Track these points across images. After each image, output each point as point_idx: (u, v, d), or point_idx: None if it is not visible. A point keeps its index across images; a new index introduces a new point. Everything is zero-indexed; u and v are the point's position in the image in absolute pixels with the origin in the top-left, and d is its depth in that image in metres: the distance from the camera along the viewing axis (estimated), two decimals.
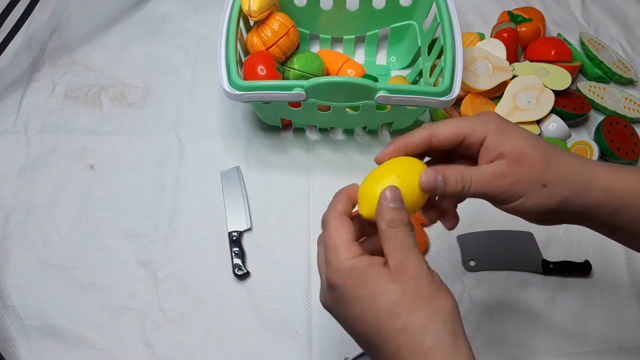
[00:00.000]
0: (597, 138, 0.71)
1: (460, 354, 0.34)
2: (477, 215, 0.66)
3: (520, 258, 0.64)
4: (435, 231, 0.66)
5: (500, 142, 0.39)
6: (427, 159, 0.43)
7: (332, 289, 0.37)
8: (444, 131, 0.40)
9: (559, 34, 0.82)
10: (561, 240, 0.65)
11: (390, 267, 0.36)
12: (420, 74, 0.73)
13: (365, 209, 0.39)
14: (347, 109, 0.65)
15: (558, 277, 0.63)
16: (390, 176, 0.39)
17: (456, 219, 0.44)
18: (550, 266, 0.63)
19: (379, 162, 0.42)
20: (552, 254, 0.64)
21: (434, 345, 0.33)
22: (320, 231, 0.65)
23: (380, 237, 0.37)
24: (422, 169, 0.40)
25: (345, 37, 0.78)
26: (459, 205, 0.45)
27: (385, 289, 0.35)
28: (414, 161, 0.41)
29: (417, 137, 0.41)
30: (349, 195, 0.41)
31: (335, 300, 0.38)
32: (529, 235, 0.65)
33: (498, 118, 0.41)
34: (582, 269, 0.63)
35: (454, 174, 0.39)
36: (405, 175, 0.39)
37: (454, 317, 0.35)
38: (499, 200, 0.40)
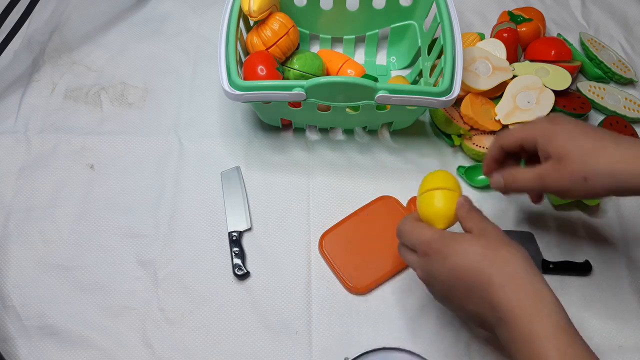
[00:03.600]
0: None
1: (536, 278, 0.43)
2: None
3: None
4: None
5: (546, 144, 0.47)
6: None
7: (430, 254, 0.46)
8: (507, 141, 0.51)
9: (559, 34, 0.82)
10: (561, 241, 0.65)
11: (475, 232, 0.46)
12: (420, 74, 0.73)
13: (442, 225, 0.50)
14: (347, 109, 0.65)
15: (558, 277, 0.63)
16: (447, 193, 0.50)
17: (540, 196, 0.55)
18: (551, 266, 0.63)
19: (486, 174, 0.55)
20: (552, 254, 0.64)
21: (515, 271, 0.43)
22: (320, 232, 0.66)
23: (462, 220, 0.48)
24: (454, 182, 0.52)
25: (345, 37, 0.78)
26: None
27: (472, 242, 0.45)
28: (447, 178, 0.52)
29: (493, 151, 0.52)
30: (416, 217, 0.52)
31: (433, 262, 0.46)
32: (529, 236, 0.65)
33: (546, 122, 0.48)
34: (582, 269, 0.63)
35: (508, 175, 0.51)
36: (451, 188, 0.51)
37: (526, 255, 0.44)
38: (546, 191, 0.50)
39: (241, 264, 0.62)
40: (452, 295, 0.46)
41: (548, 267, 0.63)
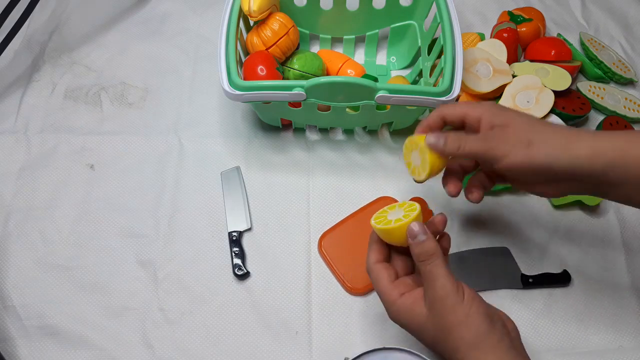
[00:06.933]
0: None
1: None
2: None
3: (499, 276, 0.62)
4: None
5: (492, 117, 0.47)
6: None
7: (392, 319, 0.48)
8: (450, 110, 0.50)
9: (559, 34, 0.82)
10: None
11: (427, 302, 0.45)
12: (420, 74, 0.73)
13: (396, 242, 0.48)
14: (347, 109, 0.65)
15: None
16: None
17: (480, 192, 0.53)
18: (530, 280, 0.62)
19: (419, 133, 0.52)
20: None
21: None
22: (320, 232, 0.66)
23: (425, 277, 0.46)
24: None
25: (345, 37, 0.78)
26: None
27: (424, 327, 0.45)
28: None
29: (433, 117, 0.51)
30: (378, 241, 0.50)
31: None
32: (505, 251, 0.64)
33: (494, 104, 0.49)
34: (561, 279, 0.62)
35: (452, 136, 0.48)
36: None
37: (509, 337, 0.45)
38: (489, 157, 0.47)
39: (241, 264, 0.62)
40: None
41: (527, 282, 0.62)
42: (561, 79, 0.72)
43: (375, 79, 0.69)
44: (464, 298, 0.44)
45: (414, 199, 0.67)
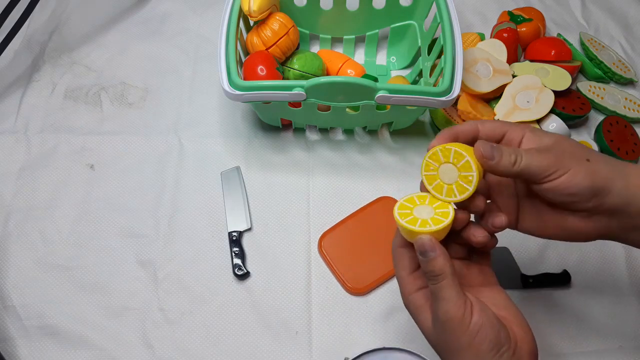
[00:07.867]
0: (597, 138, 0.71)
1: None
2: None
3: (499, 276, 0.62)
4: None
5: (539, 137, 0.42)
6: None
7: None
8: (489, 124, 0.43)
9: (559, 34, 0.82)
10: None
11: (432, 316, 0.42)
12: (420, 74, 0.73)
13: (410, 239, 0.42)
14: (347, 109, 0.65)
15: None
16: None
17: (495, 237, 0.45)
18: (530, 280, 0.62)
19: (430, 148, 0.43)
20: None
21: None
22: (320, 232, 0.66)
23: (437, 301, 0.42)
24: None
25: (345, 37, 0.78)
26: None
27: (427, 334, 0.43)
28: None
29: (465, 127, 0.43)
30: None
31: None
32: (506, 251, 0.63)
33: (533, 127, 0.43)
34: (561, 280, 0.62)
35: (508, 148, 0.41)
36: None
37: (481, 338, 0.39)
38: (545, 175, 0.40)
39: (241, 264, 0.62)
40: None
41: (527, 282, 0.62)
42: (561, 79, 0.72)
43: (375, 79, 0.69)
44: (470, 324, 0.39)
45: None
